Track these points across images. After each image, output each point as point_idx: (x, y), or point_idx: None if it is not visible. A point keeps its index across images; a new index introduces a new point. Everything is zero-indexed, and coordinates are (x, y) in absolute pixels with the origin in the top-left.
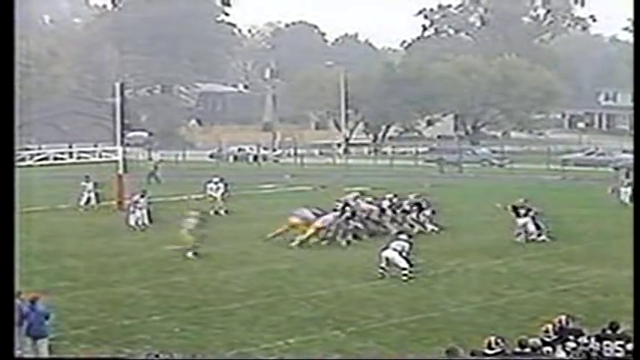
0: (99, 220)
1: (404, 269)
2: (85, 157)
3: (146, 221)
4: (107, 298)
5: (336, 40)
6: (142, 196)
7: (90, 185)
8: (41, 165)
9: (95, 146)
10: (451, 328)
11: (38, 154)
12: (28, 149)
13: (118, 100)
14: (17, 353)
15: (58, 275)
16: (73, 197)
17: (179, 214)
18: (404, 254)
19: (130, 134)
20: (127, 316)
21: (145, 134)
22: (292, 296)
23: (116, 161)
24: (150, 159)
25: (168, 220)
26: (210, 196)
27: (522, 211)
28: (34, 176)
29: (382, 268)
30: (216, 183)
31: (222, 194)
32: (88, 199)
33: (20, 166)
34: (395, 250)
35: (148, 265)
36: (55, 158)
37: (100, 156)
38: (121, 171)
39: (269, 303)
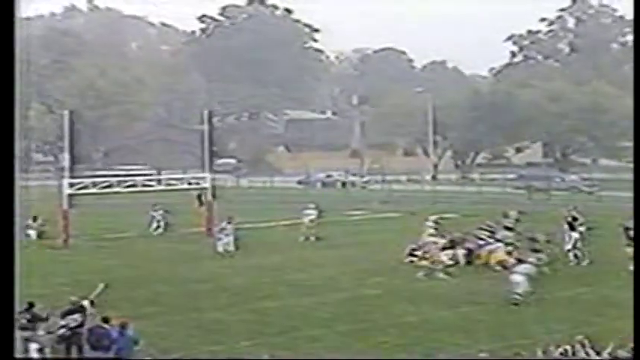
0: (187, 246)
1: (518, 294)
2: (174, 184)
3: (233, 247)
4: (196, 323)
5: (424, 66)
6: (229, 223)
7: (158, 214)
8: (129, 192)
9: (184, 173)
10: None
11: (126, 181)
12: (116, 175)
13: (206, 127)
14: None
15: (148, 301)
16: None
17: (267, 241)
18: (528, 278)
19: (219, 161)
20: (216, 341)
21: (234, 161)
22: (380, 323)
23: (205, 188)
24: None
25: (255, 247)
26: (303, 222)
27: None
28: (122, 202)
29: (517, 293)
30: (310, 209)
31: (312, 220)
32: (158, 226)
33: (108, 193)
34: (521, 274)
35: (236, 291)
36: (144, 185)
37: (189, 183)
38: (209, 198)
39: (357, 329)
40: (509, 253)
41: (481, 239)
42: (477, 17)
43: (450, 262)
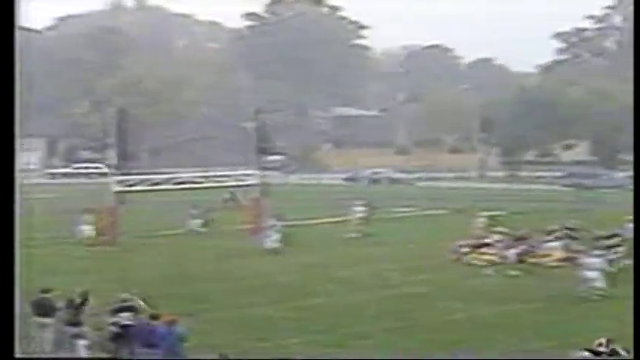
0: (234, 244)
1: (600, 289)
2: (221, 181)
3: (280, 245)
4: (243, 320)
5: (471, 63)
6: (278, 220)
7: (204, 212)
8: (177, 189)
9: (232, 170)
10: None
11: (174, 178)
12: (164, 173)
13: (253, 124)
14: None
15: (193, 298)
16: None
17: (315, 238)
18: (603, 274)
19: (266, 158)
20: (262, 338)
21: (281, 158)
22: (427, 320)
23: (253, 185)
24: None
25: (303, 244)
26: (351, 219)
27: None
28: (168, 200)
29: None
30: (358, 206)
31: (360, 217)
32: (205, 224)
33: (155, 190)
34: (594, 269)
35: (283, 289)
36: (192, 182)
37: (237, 180)
38: (257, 195)
39: (404, 326)
40: (569, 251)
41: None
42: (522, 14)
43: (509, 260)
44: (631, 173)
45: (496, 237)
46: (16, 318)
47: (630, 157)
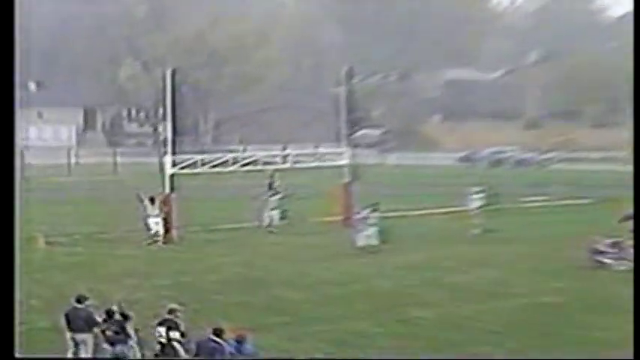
0: (318, 240)
1: None
2: (303, 162)
3: (377, 241)
4: (330, 336)
5: (621, 16)
6: (374, 210)
7: (280, 199)
8: (248, 171)
9: (315, 147)
10: None
11: (243, 158)
12: (231, 151)
13: (343, 90)
14: None
15: (269, 308)
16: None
17: (420, 233)
18: None
19: (359, 132)
20: None
21: (378, 132)
22: (562, 338)
23: (341, 166)
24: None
25: (405, 241)
26: (466, 211)
27: None
28: (238, 184)
29: None
30: (475, 194)
31: (478, 208)
32: (283, 215)
33: (221, 172)
34: None
35: (381, 297)
36: (265, 163)
37: (322, 160)
38: (347, 178)
39: (532, 346)
40: None
41: None
42: None
43: None
44: None
45: None
46: (16, 318)
47: None
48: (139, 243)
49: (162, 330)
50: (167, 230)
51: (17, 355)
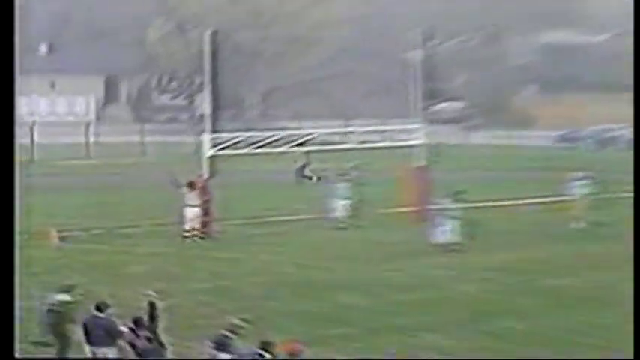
0: (387, 235)
1: None
2: (369, 141)
3: (459, 237)
4: (403, 351)
5: None
6: (457, 200)
7: (344, 187)
8: (304, 152)
9: (383, 124)
10: None
11: (297, 137)
12: (282, 128)
13: (418, 55)
14: None
15: (328, 317)
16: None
17: (511, 229)
18: None
19: (437, 106)
20: None
21: (460, 106)
22: None
23: (415, 146)
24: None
25: (493, 237)
26: (570, 201)
27: None
28: (290, 168)
29: None
30: (580, 181)
31: (584, 198)
32: (353, 206)
33: (270, 154)
34: None
35: (468, 303)
36: (324, 143)
37: (392, 139)
38: (422, 161)
39: None
40: None
41: None
42: None
43: None
44: None
45: None
46: (16, 318)
47: None
48: (171, 238)
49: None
50: (205, 223)
51: (17, 355)
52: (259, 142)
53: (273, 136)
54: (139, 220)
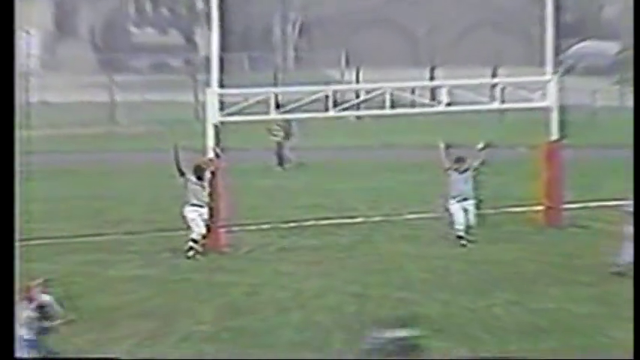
0: (513, 249)
1: None
2: (461, 102)
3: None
4: None
5: None
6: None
7: (464, 178)
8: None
9: (493, 75)
10: None
11: (353, 94)
12: (329, 82)
13: None
14: None
15: None
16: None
17: None
18: None
19: (577, 46)
20: None
21: (614, 48)
22: None
23: (542, 109)
24: None
25: None
26: None
27: None
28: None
29: None
30: None
31: None
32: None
33: (306, 120)
34: None
35: None
36: (392, 106)
37: (500, 98)
38: (553, 133)
39: None
40: None
41: None
42: None
43: None
44: None
45: None
46: (15, 318)
47: None
48: (153, 254)
49: None
50: (209, 228)
51: (17, 355)
52: (293, 101)
53: (315, 93)
54: (103, 224)
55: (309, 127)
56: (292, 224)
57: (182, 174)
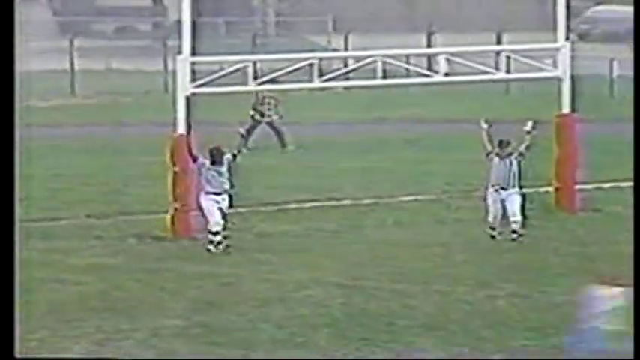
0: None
1: None
2: (464, 73)
3: None
4: None
5: None
6: None
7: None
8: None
9: (498, 42)
10: None
11: (343, 62)
12: (315, 49)
13: None
14: None
15: None
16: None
17: None
18: None
19: (590, 11)
20: None
21: (631, 11)
22: None
23: (552, 79)
24: None
25: None
26: None
27: None
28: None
29: None
30: None
31: None
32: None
33: (290, 90)
34: None
35: None
36: (384, 76)
37: (511, 67)
38: (565, 106)
39: None
40: None
41: None
42: None
43: None
44: None
45: None
46: (15, 318)
47: None
48: (117, 240)
49: None
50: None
51: (17, 355)
52: (274, 70)
53: (299, 61)
54: (61, 208)
55: (292, 99)
56: (273, 207)
57: (194, 159)
